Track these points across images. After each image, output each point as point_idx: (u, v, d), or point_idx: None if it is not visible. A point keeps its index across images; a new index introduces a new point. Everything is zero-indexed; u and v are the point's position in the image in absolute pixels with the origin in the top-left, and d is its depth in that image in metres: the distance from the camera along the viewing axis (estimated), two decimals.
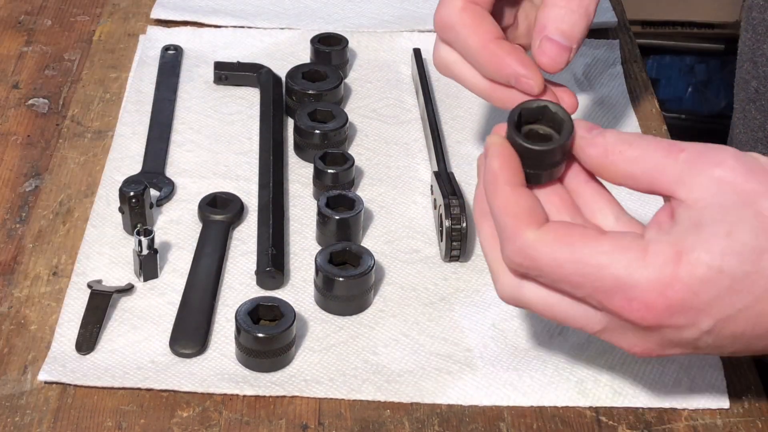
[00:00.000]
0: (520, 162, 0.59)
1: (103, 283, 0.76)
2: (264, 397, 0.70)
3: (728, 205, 0.55)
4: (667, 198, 0.58)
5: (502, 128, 0.61)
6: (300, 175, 0.88)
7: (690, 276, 0.55)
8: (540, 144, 0.59)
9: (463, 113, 0.95)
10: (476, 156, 0.90)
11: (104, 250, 0.79)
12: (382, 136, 0.93)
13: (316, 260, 0.76)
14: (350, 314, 0.76)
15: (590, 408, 0.70)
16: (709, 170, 0.56)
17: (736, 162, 0.56)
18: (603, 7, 1.08)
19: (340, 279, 0.75)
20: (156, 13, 1.05)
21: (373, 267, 0.76)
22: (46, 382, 0.70)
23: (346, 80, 0.98)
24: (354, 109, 0.95)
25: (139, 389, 0.70)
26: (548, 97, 0.70)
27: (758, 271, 0.55)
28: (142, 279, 0.77)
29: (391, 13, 1.08)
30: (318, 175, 0.85)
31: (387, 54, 1.02)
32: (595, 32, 1.05)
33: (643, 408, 0.70)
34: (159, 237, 0.79)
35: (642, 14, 2.07)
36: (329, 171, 0.84)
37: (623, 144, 0.58)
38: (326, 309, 0.76)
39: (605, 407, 0.70)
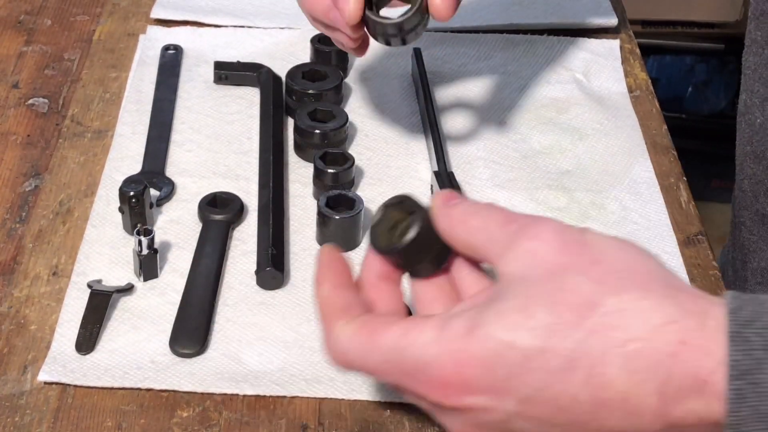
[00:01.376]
0: (389, 261, 0.58)
1: (103, 283, 0.76)
2: (264, 397, 0.70)
3: (533, 278, 0.52)
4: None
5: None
6: (300, 175, 0.88)
7: (481, 350, 0.51)
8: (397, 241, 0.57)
9: (463, 113, 0.95)
10: (476, 156, 0.90)
11: (104, 250, 0.79)
12: (382, 136, 0.92)
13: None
14: None
15: None
16: (525, 243, 0.53)
17: (553, 235, 0.53)
18: (603, 7, 1.07)
19: None
20: (156, 13, 1.05)
21: None
22: (46, 382, 0.70)
23: (346, 80, 0.98)
24: (354, 109, 0.95)
25: (139, 389, 0.70)
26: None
27: (552, 348, 0.51)
28: (142, 279, 0.77)
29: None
30: (318, 175, 0.85)
31: (387, 54, 1.02)
32: (595, 32, 1.05)
33: None
34: (159, 237, 0.79)
35: (642, 14, 2.07)
36: (329, 171, 0.84)
37: (468, 214, 0.56)
38: None
39: None
